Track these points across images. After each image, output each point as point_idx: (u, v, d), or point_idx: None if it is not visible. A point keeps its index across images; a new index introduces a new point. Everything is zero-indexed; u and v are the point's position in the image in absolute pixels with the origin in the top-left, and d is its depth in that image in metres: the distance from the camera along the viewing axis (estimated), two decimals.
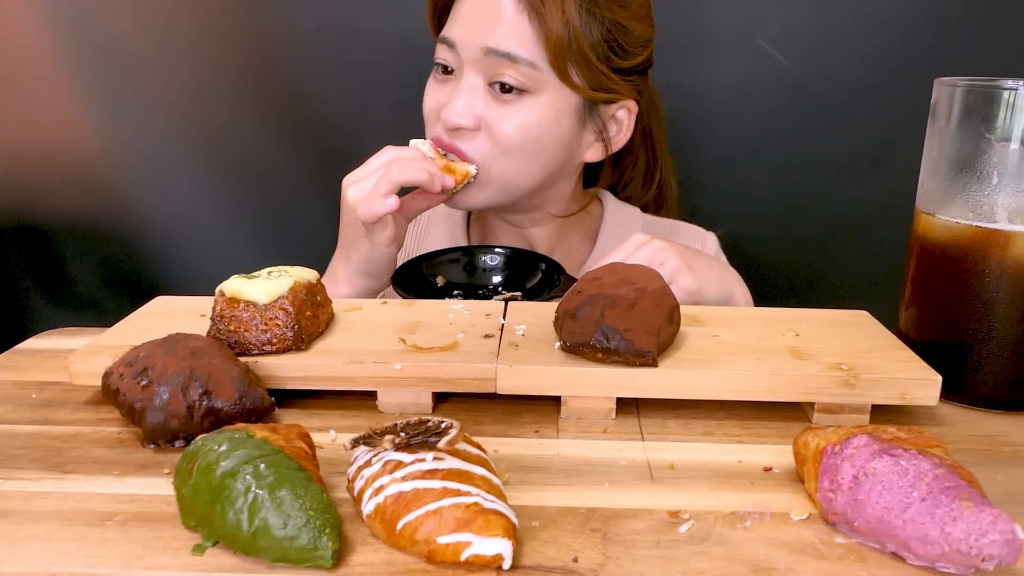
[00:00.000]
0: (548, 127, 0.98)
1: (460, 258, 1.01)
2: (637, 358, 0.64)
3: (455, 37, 0.97)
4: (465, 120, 0.96)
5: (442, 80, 1.01)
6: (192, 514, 0.50)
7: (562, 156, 1.01)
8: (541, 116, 0.97)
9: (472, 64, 0.96)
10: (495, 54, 0.94)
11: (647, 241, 0.88)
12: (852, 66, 1.29)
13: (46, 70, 1.32)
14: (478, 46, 0.95)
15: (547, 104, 0.97)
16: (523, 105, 0.96)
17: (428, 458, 0.49)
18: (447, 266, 1.00)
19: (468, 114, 0.97)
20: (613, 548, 0.49)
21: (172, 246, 1.41)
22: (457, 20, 0.98)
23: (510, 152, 0.97)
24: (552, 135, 0.99)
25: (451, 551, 0.46)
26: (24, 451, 0.61)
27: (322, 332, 0.72)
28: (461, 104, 0.97)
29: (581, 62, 0.95)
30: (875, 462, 0.49)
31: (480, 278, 1.00)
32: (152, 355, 0.61)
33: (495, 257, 1.01)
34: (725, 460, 0.60)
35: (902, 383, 0.64)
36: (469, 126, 0.97)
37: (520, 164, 0.99)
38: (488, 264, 1.01)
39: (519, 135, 0.97)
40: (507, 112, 0.96)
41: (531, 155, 0.99)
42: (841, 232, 1.38)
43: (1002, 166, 0.66)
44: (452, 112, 0.96)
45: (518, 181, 1.00)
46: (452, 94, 0.98)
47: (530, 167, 1.00)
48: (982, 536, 0.45)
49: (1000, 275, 0.67)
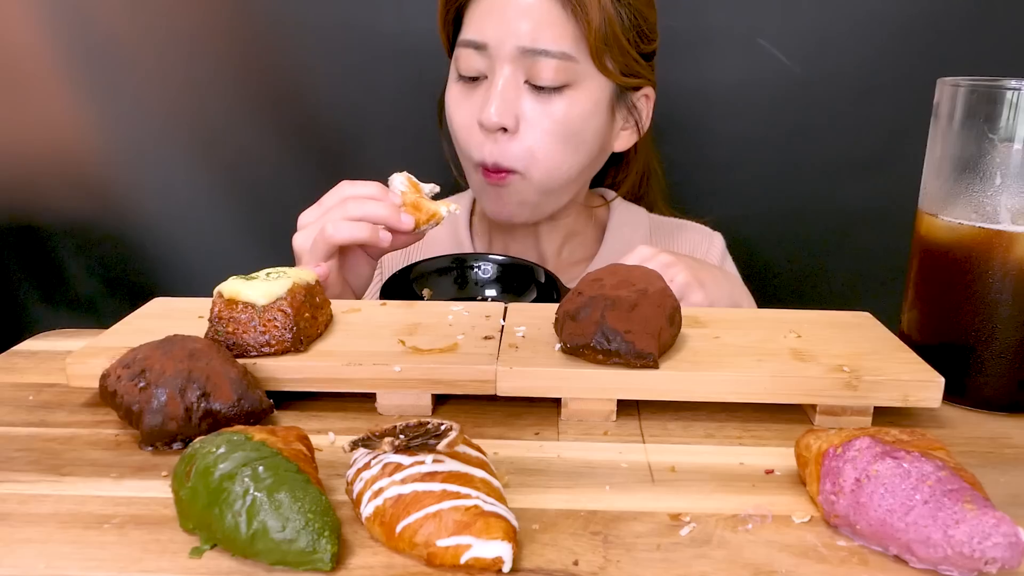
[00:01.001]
0: (588, 119, 0.98)
1: (451, 268, 0.97)
2: (638, 360, 0.64)
3: (486, 39, 0.95)
4: (507, 120, 0.95)
5: (470, 87, 0.99)
6: (190, 517, 0.50)
7: (598, 147, 1.02)
8: (582, 108, 0.97)
9: (506, 62, 0.95)
10: (531, 52, 0.93)
11: (654, 255, 0.87)
12: (854, 66, 1.29)
13: (43, 69, 1.31)
14: (513, 45, 0.94)
15: (586, 96, 0.97)
16: (563, 99, 0.96)
17: (428, 460, 0.49)
18: (436, 278, 0.96)
19: (509, 113, 0.95)
20: (614, 551, 0.49)
21: (170, 247, 1.41)
22: (484, 21, 0.96)
23: (553, 149, 0.97)
24: (591, 127, 0.98)
25: (451, 554, 0.46)
26: (21, 453, 0.60)
27: (321, 334, 0.71)
28: (500, 103, 0.95)
29: (616, 49, 0.95)
30: (877, 464, 0.49)
31: (471, 291, 0.96)
32: (150, 357, 0.61)
33: (488, 268, 0.98)
34: (726, 462, 0.60)
35: (904, 385, 0.64)
36: (511, 126, 0.95)
37: (562, 159, 0.98)
38: (480, 277, 0.97)
39: (562, 129, 0.96)
40: (548, 108, 0.96)
41: (573, 149, 0.98)
42: (843, 233, 1.38)
43: (1005, 167, 0.66)
44: (493, 112, 0.94)
45: (562, 177, 0.99)
46: (487, 95, 0.96)
47: (572, 160, 0.99)
48: (985, 539, 0.45)
49: (1003, 276, 0.67)
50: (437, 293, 0.94)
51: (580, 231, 1.14)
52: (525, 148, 0.97)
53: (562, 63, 0.94)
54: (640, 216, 1.16)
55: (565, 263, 1.13)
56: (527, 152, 0.97)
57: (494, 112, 0.95)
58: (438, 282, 0.95)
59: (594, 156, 1.02)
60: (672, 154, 1.23)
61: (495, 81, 0.96)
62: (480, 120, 0.96)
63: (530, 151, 0.97)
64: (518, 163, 0.97)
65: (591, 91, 0.97)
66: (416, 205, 0.86)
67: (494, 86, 0.96)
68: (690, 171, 1.31)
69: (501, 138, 0.96)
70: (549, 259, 1.12)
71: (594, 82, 0.97)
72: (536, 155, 0.97)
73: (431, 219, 0.87)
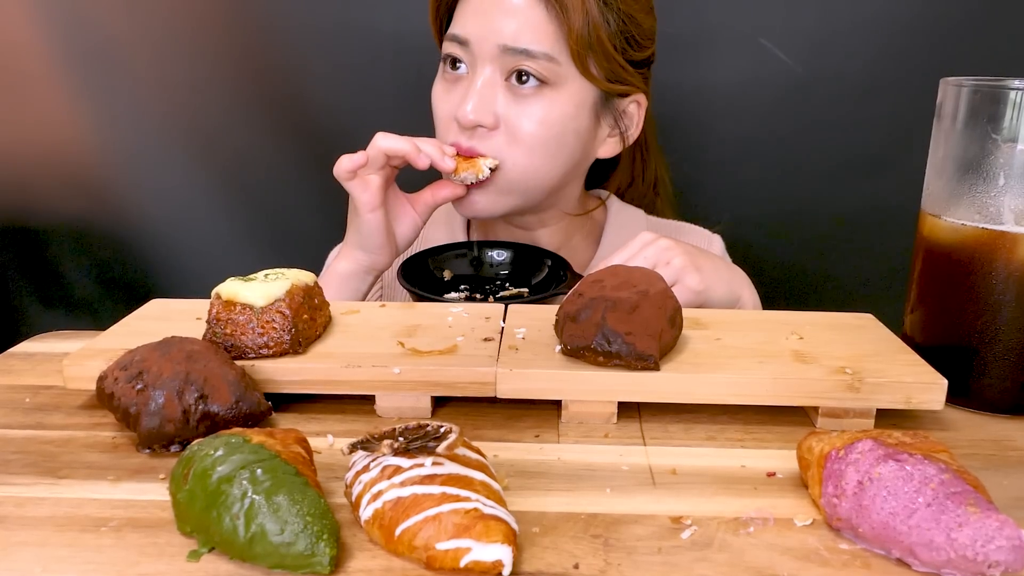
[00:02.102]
0: (568, 121, 0.97)
1: (466, 253, 1.01)
2: (639, 362, 0.64)
3: (468, 34, 0.95)
4: (484, 117, 0.95)
5: (452, 79, 0.99)
6: (188, 520, 0.50)
7: (580, 152, 1.01)
8: (562, 110, 0.96)
9: (487, 60, 0.95)
10: (512, 51, 0.93)
11: (653, 240, 0.87)
12: (857, 66, 1.28)
13: (40, 70, 1.31)
14: (494, 43, 0.94)
15: (567, 97, 0.96)
16: (543, 99, 0.95)
17: (427, 463, 0.49)
18: (453, 261, 1.00)
19: (487, 111, 0.95)
20: (614, 554, 0.49)
21: (168, 248, 1.40)
22: (468, 16, 0.96)
23: (532, 148, 0.96)
24: (572, 129, 0.98)
25: (450, 557, 0.46)
26: (17, 456, 0.60)
27: (319, 335, 0.71)
28: (478, 101, 0.95)
29: (600, 54, 0.95)
30: (880, 467, 0.49)
31: (486, 272, 1.00)
32: (147, 359, 0.61)
33: (502, 252, 1.02)
34: (728, 465, 0.60)
35: (907, 387, 0.64)
36: (488, 123, 0.95)
37: (541, 161, 0.98)
38: (495, 259, 1.01)
39: (540, 130, 0.96)
40: (527, 107, 0.95)
41: (552, 151, 0.98)
42: (845, 234, 1.37)
43: (1009, 167, 0.66)
44: (470, 110, 0.95)
45: (538, 179, 0.99)
46: (466, 92, 0.96)
47: (551, 164, 0.99)
48: (988, 542, 0.44)
49: (1007, 277, 0.66)
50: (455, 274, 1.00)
51: (577, 233, 1.13)
52: (500, 148, 0.97)
53: (545, 63, 0.94)
54: (638, 217, 1.15)
55: None
56: (505, 146, 0.97)
57: (471, 109, 0.95)
58: (455, 263, 1.01)
59: (576, 161, 1.02)
60: (673, 155, 1.22)
61: (475, 78, 0.96)
62: (456, 116, 0.96)
63: (507, 146, 0.97)
64: (497, 154, 0.97)
65: (572, 94, 0.96)
66: (469, 161, 0.94)
67: (473, 83, 0.96)
68: (691, 172, 1.30)
69: (477, 135, 0.97)
70: None
71: (576, 85, 0.96)
72: (512, 151, 0.97)
73: (471, 168, 0.94)
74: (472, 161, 0.94)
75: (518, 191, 0.99)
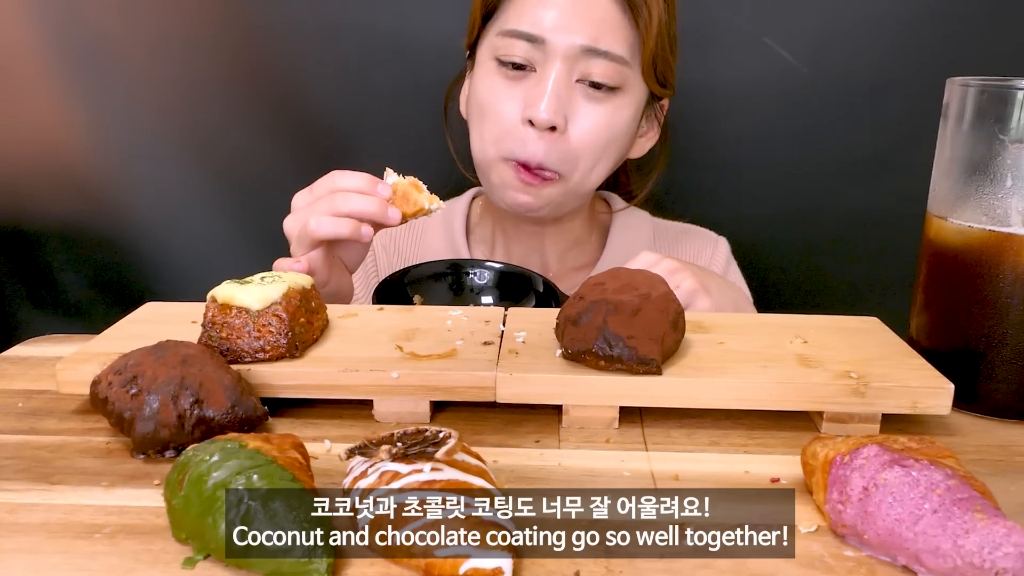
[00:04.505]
0: (629, 125, 0.97)
1: (446, 274, 0.95)
2: (641, 366, 0.63)
3: (543, 33, 0.93)
4: (558, 119, 0.93)
5: (515, 77, 0.96)
6: (183, 526, 0.49)
7: (624, 154, 1.02)
8: (626, 114, 0.96)
9: (561, 60, 0.93)
10: (591, 52, 0.92)
11: (658, 261, 0.85)
12: (862, 65, 1.28)
13: (32, 70, 1.30)
14: (574, 43, 0.92)
15: (631, 101, 0.96)
16: (613, 103, 0.95)
17: (426, 469, 0.49)
18: (430, 283, 0.93)
19: (560, 113, 0.93)
20: (616, 561, 0.48)
21: (162, 251, 1.40)
22: (540, 13, 0.93)
23: (595, 152, 0.96)
24: (627, 133, 0.98)
25: (449, 565, 0.45)
26: (10, 461, 0.60)
27: (317, 339, 0.71)
28: (555, 101, 0.92)
29: (661, 58, 0.95)
30: (885, 473, 0.49)
31: (466, 299, 0.94)
32: (142, 363, 0.60)
33: (484, 274, 0.95)
34: (731, 471, 0.60)
35: (913, 391, 0.63)
36: (560, 125, 0.93)
37: (602, 166, 0.98)
38: (476, 283, 0.95)
39: (607, 133, 0.95)
40: (597, 110, 0.95)
41: (610, 154, 0.98)
42: (850, 236, 1.37)
43: (1016, 168, 0.65)
44: (544, 109, 0.92)
45: (593, 181, 0.99)
46: (535, 93, 0.94)
47: (604, 166, 0.99)
48: (996, 549, 0.44)
49: (1014, 280, 0.66)
50: (429, 299, 0.92)
51: (584, 236, 1.13)
52: (570, 149, 0.95)
53: (618, 66, 0.93)
54: (643, 220, 1.15)
55: (567, 268, 1.12)
56: (571, 154, 0.95)
57: (545, 109, 0.92)
58: (432, 288, 0.93)
59: (619, 162, 1.02)
60: (677, 154, 1.22)
61: (546, 77, 0.93)
62: (530, 117, 0.94)
63: (574, 153, 0.95)
64: (563, 166, 0.96)
65: (635, 97, 0.97)
66: (406, 196, 0.84)
67: (545, 82, 0.93)
68: (694, 172, 1.30)
69: (548, 137, 0.94)
70: (551, 264, 1.12)
71: (638, 89, 0.97)
72: (579, 158, 0.96)
73: (419, 212, 0.84)
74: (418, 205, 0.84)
75: (579, 195, 1.00)
